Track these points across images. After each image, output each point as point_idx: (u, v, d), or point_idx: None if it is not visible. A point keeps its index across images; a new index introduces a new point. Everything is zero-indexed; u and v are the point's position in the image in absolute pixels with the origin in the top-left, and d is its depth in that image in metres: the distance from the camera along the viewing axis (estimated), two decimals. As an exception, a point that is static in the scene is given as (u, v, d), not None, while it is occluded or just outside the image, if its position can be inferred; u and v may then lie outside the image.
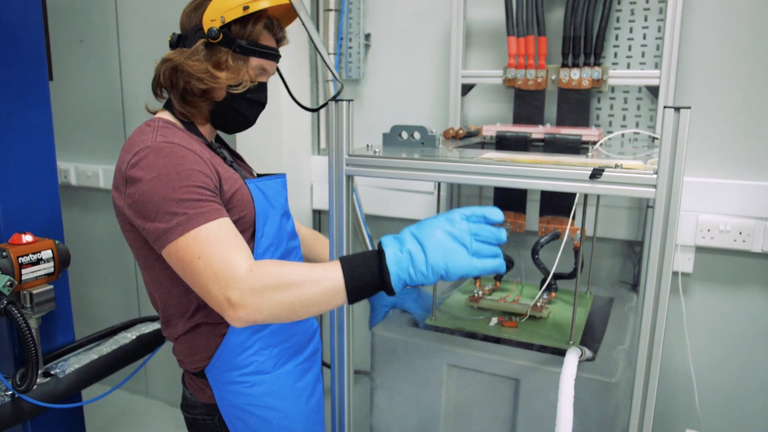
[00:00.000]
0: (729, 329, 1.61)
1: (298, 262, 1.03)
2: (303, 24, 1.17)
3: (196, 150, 1.08)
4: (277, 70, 1.27)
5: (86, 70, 2.48)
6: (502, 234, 0.97)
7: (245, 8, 1.11)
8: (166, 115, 1.19)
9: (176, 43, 1.18)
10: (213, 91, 1.16)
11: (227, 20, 1.11)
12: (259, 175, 1.31)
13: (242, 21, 1.13)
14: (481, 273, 0.95)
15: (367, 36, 1.93)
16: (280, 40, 1.22)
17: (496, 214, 0.97)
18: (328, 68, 1.22)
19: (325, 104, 1.20)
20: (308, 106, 1.44)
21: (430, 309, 1.37)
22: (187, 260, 0.98)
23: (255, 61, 1.17)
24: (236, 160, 1.31)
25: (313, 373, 1.30)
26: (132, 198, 1.03)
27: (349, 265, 0.96)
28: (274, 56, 1.20)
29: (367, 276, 0.95)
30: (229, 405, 1.19)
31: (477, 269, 0.95)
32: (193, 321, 1.16)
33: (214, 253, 0.97)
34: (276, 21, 1.19)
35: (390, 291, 0.95)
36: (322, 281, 0.95)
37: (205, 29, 1.12)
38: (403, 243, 0.96)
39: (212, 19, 1.12)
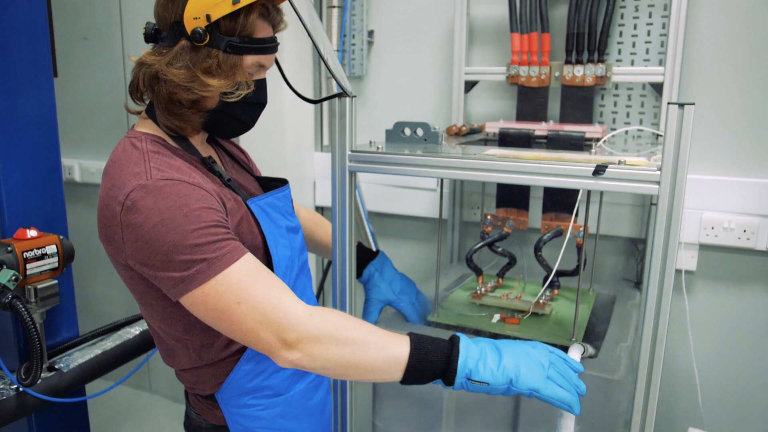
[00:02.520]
0: (732, 327, 1.60)
1: (361, 320, 0.97)
2: (303, 24, 0.99)
3: (199, 182, 0.95)
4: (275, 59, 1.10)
5: (90, 67, 2.49)
6: (582, 385, 0.94)
7: (235, 2, 0.92)
8: (151, 128, 1.04)
9: (152, 37, 1.00)
10: (204, 100, 0.99)
11: (214, 18, 0.93)
12: (258, 180, 1.21)
13: (232, 14, 0.94)
14: (551, 397, 0.91)
15: (371, 33, 1.93)
16: (276, 24, 1.03)
17: (578, 364, 0.97)
18: (329, 70, 1.07)
19: (330, 97, 1.10)
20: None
21: (424, 316, 1.36)
22: (221, 308, 0.90)
23: (251, 59, 0.99)
24: (234, 164, 1.19)
25: (324, 387, 1.24)
26: (133, 246, 0.91)
27: (417, 339, 0.93)
28: (273, 48, 1.03)
29: (434, 354, 0.92)
30: (242, 428, 1.11)
31: (549, 389, 0.90)
32: (199, 356, 1.07)
33: (255, 295, 0.90)
34: (271, 5, 1.00)
35: (451, 379, 0.91)
36: (386, 347, 0.91)
37: (188, 29, 0.94)
38: (478, 341, 0.95)
39: (195, 16, 0.93)
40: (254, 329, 0.90)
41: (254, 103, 1.06)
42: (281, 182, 1.20)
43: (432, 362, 0.92)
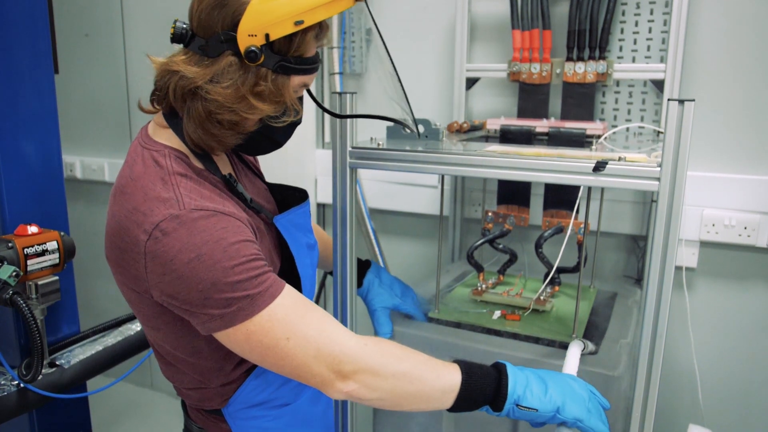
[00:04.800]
0: (733, 324, 1.60)
1: (411, 349, 0.95)
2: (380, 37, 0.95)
3: (232, 211, 0.89)
4: None
5: (91, 64, 2.49)
6: (607, 424, 0.97)
7: (297, 23, 0.84)
8: (173, 141, 0.94)
9: (183, 39, 0.89)
10: (245, 121, 0.91)
11: (273, 38, 0.84)
12: (271, 187, 1.17)
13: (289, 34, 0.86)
14: (592, 428, 0.92)
15: (371, 30, 1.92)
16: (321, 41, 0.96)
17: (606, 401, 0.99)
18: (407, 103, 1.02)
19: (365, 116, 1.07)
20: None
21: (425, 313, 1.36)
22: (267, 344, 0.86)
23: (298, 79, 0.92)
24: (247, 171, 1.13)
25: None
26: (161, 279, 0.84)
27: (467, 366, 0.93)
28: (318, 67, 0.95)
29: (484, 381, 0.92)
30: None
31: (592, 421, 0.92)
32: (205, 378, 1.02)
33: (306, 330, 0.87)
34: (324, 23, 0.92)
35: (500, 405, 0.91)
36: (440, 376, 0.91)
37: (241, 46, 0.84)
38: (523, 369, 0.96)
39: (251, 33, 0.84)
40: (306, 363, 0.87)
41: (294, 123, 0.99)
42: (298, 191, 1.14)
43: (483, 389, 0.92)
